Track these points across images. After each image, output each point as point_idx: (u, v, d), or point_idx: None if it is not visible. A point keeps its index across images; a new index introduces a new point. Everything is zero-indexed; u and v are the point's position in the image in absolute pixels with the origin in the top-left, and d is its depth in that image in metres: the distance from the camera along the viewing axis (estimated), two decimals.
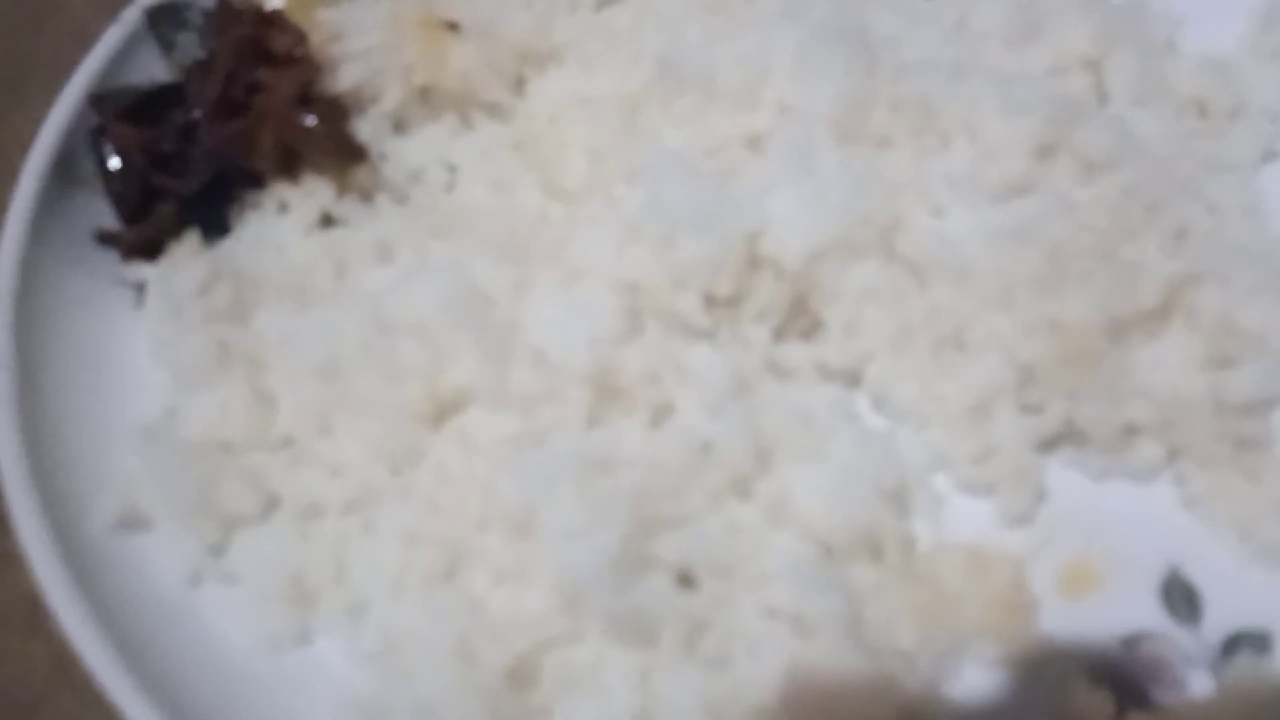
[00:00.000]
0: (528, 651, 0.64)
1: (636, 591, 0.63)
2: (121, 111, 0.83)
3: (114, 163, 0.82)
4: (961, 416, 0.73)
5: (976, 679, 0.65)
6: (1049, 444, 0.73)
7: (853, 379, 0.76)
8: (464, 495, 0.69)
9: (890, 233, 0.75)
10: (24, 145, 0.81)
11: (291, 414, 0.73)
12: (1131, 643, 0.67)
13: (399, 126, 0.87)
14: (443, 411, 0.73)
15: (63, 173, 0.81)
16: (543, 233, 0.79)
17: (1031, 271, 0.72)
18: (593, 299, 0.73)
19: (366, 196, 0.85)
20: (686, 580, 0.66)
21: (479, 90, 0.86)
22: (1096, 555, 0.69)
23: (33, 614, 0.75)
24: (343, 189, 0.84)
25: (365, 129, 0.85)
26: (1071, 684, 0.65)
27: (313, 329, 0.74)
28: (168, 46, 0.89)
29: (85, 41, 0.86)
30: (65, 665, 0.73)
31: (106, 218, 0.82)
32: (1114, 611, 0.68)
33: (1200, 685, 0.65)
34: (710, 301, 0.74)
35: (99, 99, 0.84)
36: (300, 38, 0.85)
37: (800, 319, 0.77)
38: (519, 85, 0.89)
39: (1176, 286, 0.73)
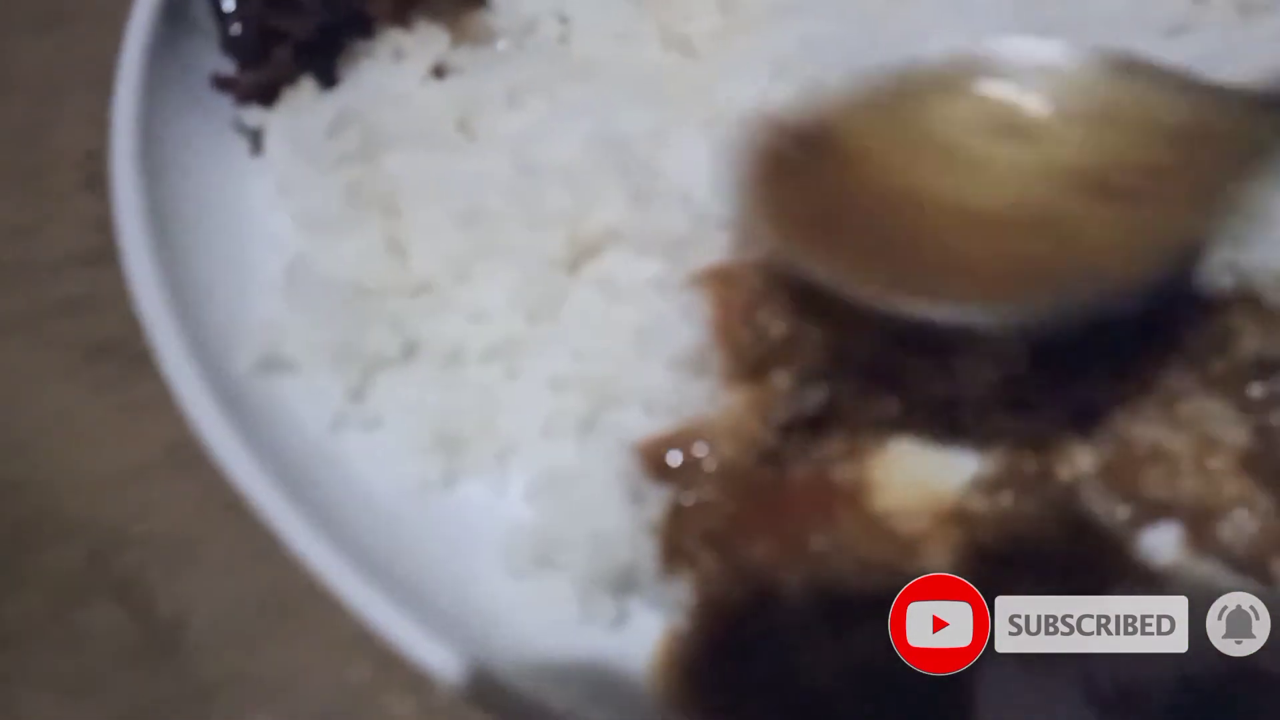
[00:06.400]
0: None
1: None
2: None
3: (229, 3, 0.78)
4: None
5: None
6: None
7: None
8: (610, 338, 0.67)
9: None
10: None
11: (428, 261, 0.71)
12: None
13: None
14: (581, 256, 0.71)
15: (173, 16, 0.78)
16: (680, 77, 0.76)
17: None
18: (738, 141, 0.70)
19: (481, 44, 0.82)
20: None
21: None
22: None
23: (171, 461, 0.76)
24: (457, 37, 0.81)
25: None
26: None
27: (451, 175, 0.72)
28: None
29: None
30: (211, 509, 0.74)
31: (218, 63, 0.80)
32: None
33: None
34: None
35: None
36: None
37: None
38: None
39: None
